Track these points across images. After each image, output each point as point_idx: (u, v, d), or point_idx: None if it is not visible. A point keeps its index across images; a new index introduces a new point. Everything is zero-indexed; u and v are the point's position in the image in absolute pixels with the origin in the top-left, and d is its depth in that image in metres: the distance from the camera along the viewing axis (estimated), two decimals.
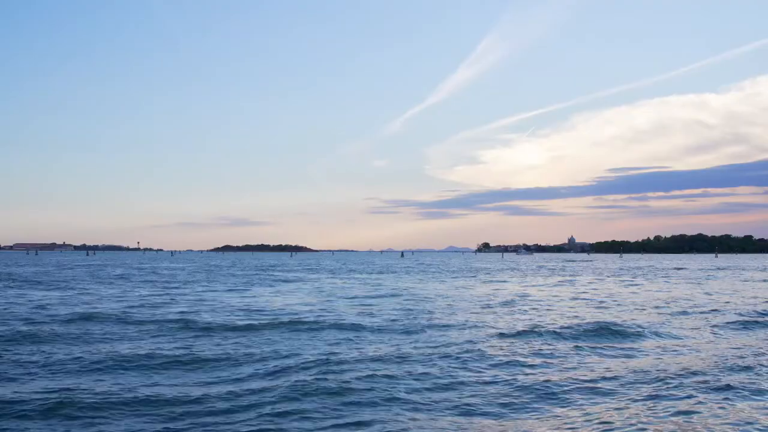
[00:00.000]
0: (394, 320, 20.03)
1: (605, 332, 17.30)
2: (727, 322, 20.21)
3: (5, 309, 22.95)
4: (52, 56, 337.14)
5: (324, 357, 13.01)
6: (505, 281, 47.97)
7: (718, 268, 76.25)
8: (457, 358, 13.24)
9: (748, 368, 12.30)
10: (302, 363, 12.40)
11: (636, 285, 42.29)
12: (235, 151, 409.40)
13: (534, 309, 24.59)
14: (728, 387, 10.62)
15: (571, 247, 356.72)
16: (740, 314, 22.55)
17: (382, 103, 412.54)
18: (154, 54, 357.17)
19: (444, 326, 18.46)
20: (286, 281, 45.36)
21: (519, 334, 16.92)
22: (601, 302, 27.92)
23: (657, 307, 25.30)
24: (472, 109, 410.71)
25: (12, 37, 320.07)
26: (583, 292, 34.60)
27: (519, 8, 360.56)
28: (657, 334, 17.28)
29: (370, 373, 11.49)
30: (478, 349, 14.15)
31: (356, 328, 18.09)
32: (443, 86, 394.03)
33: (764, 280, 48.47)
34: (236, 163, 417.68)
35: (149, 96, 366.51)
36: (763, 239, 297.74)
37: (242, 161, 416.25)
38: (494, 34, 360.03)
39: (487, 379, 11.30)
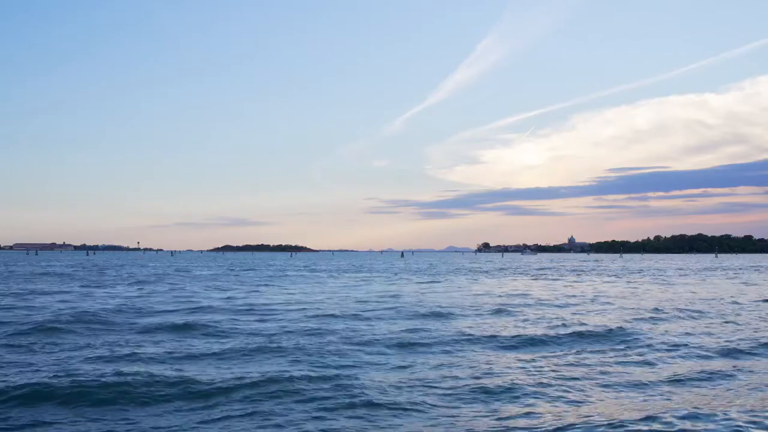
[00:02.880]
0: None
1: None
2: None
3: None
4: (52, 56, 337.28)
5: None
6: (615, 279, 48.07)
7: None
8: None
9: None
10: None
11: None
12: (235, 151, 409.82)
13: None
14: None
15: (571, 247, 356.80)
16: None
17: (382, 103, 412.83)
18: (154, 54, 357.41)
19: None
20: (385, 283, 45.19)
21: None
22: None
23: None
24: (472, 109, 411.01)
25: (12, 37, 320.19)
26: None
27: (519, 8, 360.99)
28: None
29: None
30: None
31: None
32: (443, 86, 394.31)
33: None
34: (236, 163, 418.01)
35: (149, 96, 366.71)
36: (763, 239, 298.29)
37: (242, 161, 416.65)
38: (494, 34, 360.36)
39: None
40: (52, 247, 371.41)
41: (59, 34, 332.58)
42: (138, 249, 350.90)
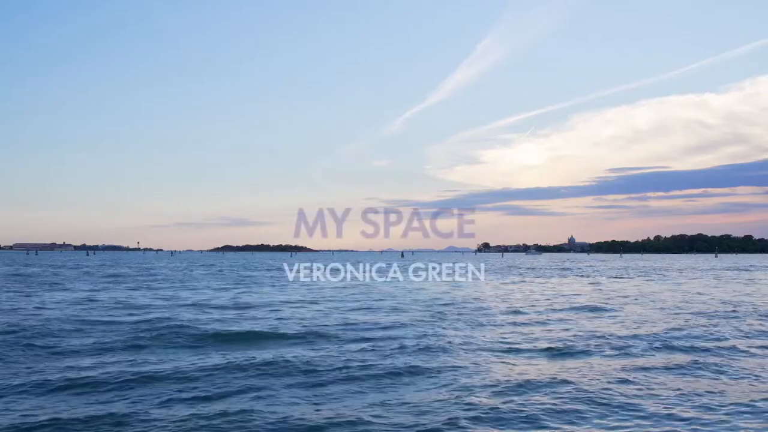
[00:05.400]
0: None
1: None
2: None
3: None
4: (52, 56, 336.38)
5: None
6: None
7: None
8: None
9: None
10: None
11: None
12: (235, 151, 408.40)
13: None
14: None
15: (571, 247, 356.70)
16: None
17: (382, 103, 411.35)
18: (154, 54, 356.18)
19: None
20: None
21: None
22: None
23: None
24: (472, 109, 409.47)
25: (12, 37, 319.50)
26: None
27: (519, 8, 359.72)
28: None
29: None
30: None
31: None
32: (443, 86, 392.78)
33: None
34: (236, 163, 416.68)
35: (149, 96, 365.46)
36: (763, 239, 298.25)
37: (242, 161, 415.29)
38: (494, 34, 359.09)
39: None
40: (52, 247, 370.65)
41: (59, 34, 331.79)
42: (138, 249, 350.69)
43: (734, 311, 24.06)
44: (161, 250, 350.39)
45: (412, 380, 11.60)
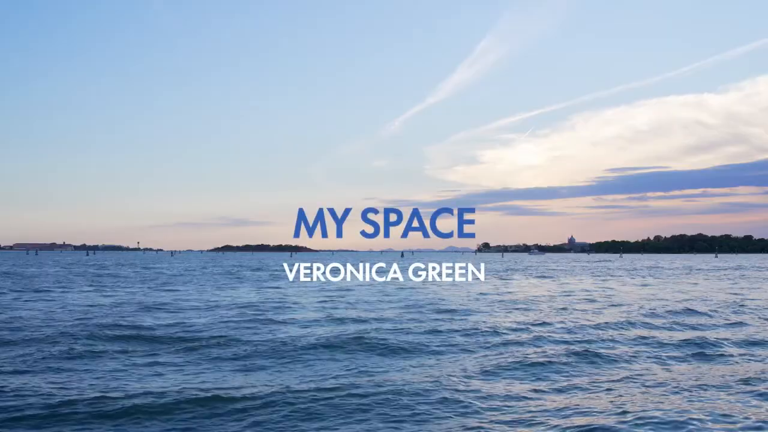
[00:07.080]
0: None
1: None
2: None
3: None
4: (52, 56, 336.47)
5: None
6: None
7: None
8: None
9: None
10: None
11: None
12: (235, 150, 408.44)
13: None
14: None
15: (571, 247, 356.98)
16: None
17: (382, 103, 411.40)
18: (153, 54, 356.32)
19: None
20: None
21: None
22: None
23: None
24: (472, 109, 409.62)
25: (12, 36, 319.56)
26: None
27: (519, 8, 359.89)
28: None
29: None
30: None
31: None
32: (443, 86, 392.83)
33: None
34: (236, 162, 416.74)
35: (149, 96, 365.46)
36: (763, 239, 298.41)
37: (242, 161, 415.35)
38: (494, 34, 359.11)
39: None
40: (52, 247, 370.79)
41: (59, 34, 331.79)
42: (138, 249, 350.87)
43: None
44: (161, 250, 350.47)
45: None
